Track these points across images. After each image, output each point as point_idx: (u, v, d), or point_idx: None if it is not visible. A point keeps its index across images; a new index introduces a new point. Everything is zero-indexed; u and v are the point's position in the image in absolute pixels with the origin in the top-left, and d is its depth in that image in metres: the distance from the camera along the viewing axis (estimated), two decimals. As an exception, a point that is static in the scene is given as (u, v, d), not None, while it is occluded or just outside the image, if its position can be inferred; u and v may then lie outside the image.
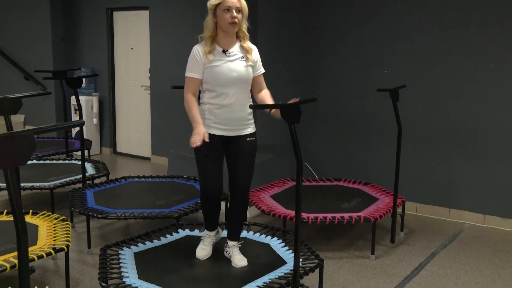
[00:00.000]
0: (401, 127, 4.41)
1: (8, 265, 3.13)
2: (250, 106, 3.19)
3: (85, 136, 7.52)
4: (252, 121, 3.42)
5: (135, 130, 7.82)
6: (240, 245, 3.58)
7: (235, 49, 3.30)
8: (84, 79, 7.63)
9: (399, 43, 5.38)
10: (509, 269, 4.09)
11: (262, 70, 3.48)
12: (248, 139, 3.38)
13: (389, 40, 5.44)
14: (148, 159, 7.66)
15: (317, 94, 5.72)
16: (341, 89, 5.82)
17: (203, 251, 3.54)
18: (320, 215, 4.19)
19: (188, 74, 3.28)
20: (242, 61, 3.30)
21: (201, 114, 3.26)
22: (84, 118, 7.56)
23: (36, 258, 3.26)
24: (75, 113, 7.77)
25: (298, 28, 6.06)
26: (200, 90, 3.36)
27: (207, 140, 3.14)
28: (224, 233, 3.80)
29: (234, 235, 3.57)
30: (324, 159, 6.06)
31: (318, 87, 5.95)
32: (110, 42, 7.79)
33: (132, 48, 7.65)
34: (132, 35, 7.61)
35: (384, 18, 5.44)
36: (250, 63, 3.33)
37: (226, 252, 3.58)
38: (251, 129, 3.40)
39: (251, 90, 3.44)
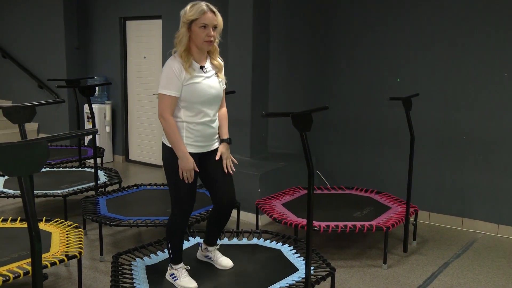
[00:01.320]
0: (414, 136, 4.39)
1: (21, 272, 3.16)
2: (262, 115, 3.17)
3: (98, 144, 7.59)
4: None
5: (147, 138, 7.86)
6: (218, 247, 3.62)
7: (208, 65, 3.22)
8: (97, 88, 7.70)
9: (412, 52, 5.37)
10: (524, 279, 4.05)
11: (224, 86, 3.37)
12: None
13: (402, 49, 5.43)
14: (160, 166, 7.69)
15: (329, 102, 5.73)
16: (353, 98, 5.82)
17: (192, 281, 3.31)
18: (332, 224, 4.18)
19: (165, 91, 3.09)
20: (215, 77, 3.23)
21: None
22: (97, 126, 7.63)
23: (49, 265, 3.28)
24: (88, 121, 7.84)
25: (310, 36, 6.08)
26: None
27: (197, 170, 3.15)
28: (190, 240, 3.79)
29: (214, 241, 3.59)
30: (336, 167, 6.05)
31: (330, 95, 5.95)
32: (123, 51, 7.86)
33: (144, 57, 7.71)
34: (145, 44, 7.67)
35: (396, 28, 5.44)
36: (221, 80, 3.28)
37: (206, 256, 3.59)
38: (218, 142, 3.38)
39: None
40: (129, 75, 7.93)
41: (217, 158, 3.28)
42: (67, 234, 3.86)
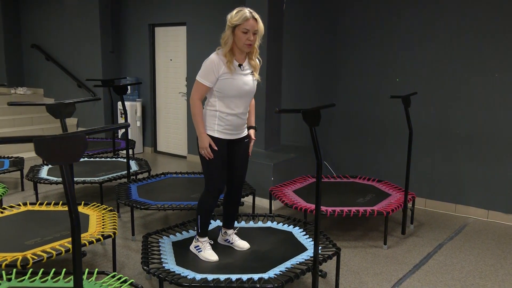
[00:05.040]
0: (412, 130, 4.34)
1: (63, 250, 3.20)
2: (276, 111, 3.16)
3: (129, 137, 7.64)
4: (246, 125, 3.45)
5: (173, 132, 7.89)
6: (236, 232, 3.63)
7: (246, 64, 3.25)
8: (129, 87, 7.74)
9: (411, 54, 5.30)
10: (511, 259, 3.99)
11: (257, 82, 3.39)
12: (245, 140, 3.41)
13: (401, 51, 5.37)
14: (184, 157, 7.72)
15: (335, 100, 5.70)
16: (358, 96, 5.77)
17: (214, 254, 3.36)
18: (338, 209, 4.16)
19: (202, 80, 3.15)
20: (251, 75, 3.26)
21: (211, 119, 3.22)
22: (129, 121, 7.66)
23: (87, 243, 3.30)
24: (121, 116, 7.88)
25: (320, 40, 6.03)
26: (208, 98, 3.28)
27: (215, 148, 3.21)
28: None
29: (232, 223, 3.60)
30: (341, 158, 6.01)
31: (337, 94, 5.91)
32: (151, 54, 7.88)
33: (171, 59, 7.72)
34: (171, 48, 7.68)
35: (397, 32, 5.38)
36: (256, 79, 3.30)
37: (226, 240, 3.59)
38: (246, 132, 3.42)
39: None
40: (157, 76, 7.95)
41: (253, 137, 3.42)
42: (102, 216, 3.89)
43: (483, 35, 4.83)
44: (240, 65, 3.20)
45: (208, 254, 3.35)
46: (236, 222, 3.98)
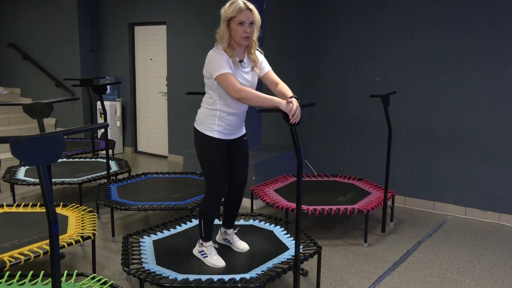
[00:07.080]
0: (391, 129, 4.39)
1: (41, 252, 3.15)
2: (256, 110, 3.09)
3: (109, 137, 7.55)
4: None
5: (153, 132, 7.83)
6: (236, 231, 3.57)
7: (246, 59, 3.07)
8: (108, 86, 7.66)
9: (390, 53, 5.36)
10: (488, 255, 4.06)
11: (270, 68, 3.23)
12: (244, 138, 3.28)
13: (381, 51, 5.42)
14: (165, 157, 7.67)
15: (316, 99, 5.72)
16: (338, 94, 5.81)
17: (220, 259, 3.24)
18: (319, 207, 4.18)
19: (224, 71, 2.87)
20: (252, 72, 3.11)
21: (210, 119, 3.04)
22: (108, 121, 7.58)
23: (66, 245, 3.27)
24: (101, 116, 7.79)
25: (300, 39, 6.05)
26: (206, 95, 3.11)
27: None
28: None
29: (232, 223, 3.51)
30: (322, 157, 6.05)
31: (317, 93, 5.93)
32: (131, 53, 7.81)
33: (151, 59, 7.66)
34: (151, 47, 7.62)
35: (377, 33, 5.43)
36: (256, 75, 3.17)
37: (225, 239, 3.52)
38: (244, 130, 3.29)
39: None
40: (137, 75, 7.88)
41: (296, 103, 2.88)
42: (82, 218, 3.85)
43: (460, 36, 4.91)
44: (240, 61, 3.04)
45: (215, 260, 3.22)
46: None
